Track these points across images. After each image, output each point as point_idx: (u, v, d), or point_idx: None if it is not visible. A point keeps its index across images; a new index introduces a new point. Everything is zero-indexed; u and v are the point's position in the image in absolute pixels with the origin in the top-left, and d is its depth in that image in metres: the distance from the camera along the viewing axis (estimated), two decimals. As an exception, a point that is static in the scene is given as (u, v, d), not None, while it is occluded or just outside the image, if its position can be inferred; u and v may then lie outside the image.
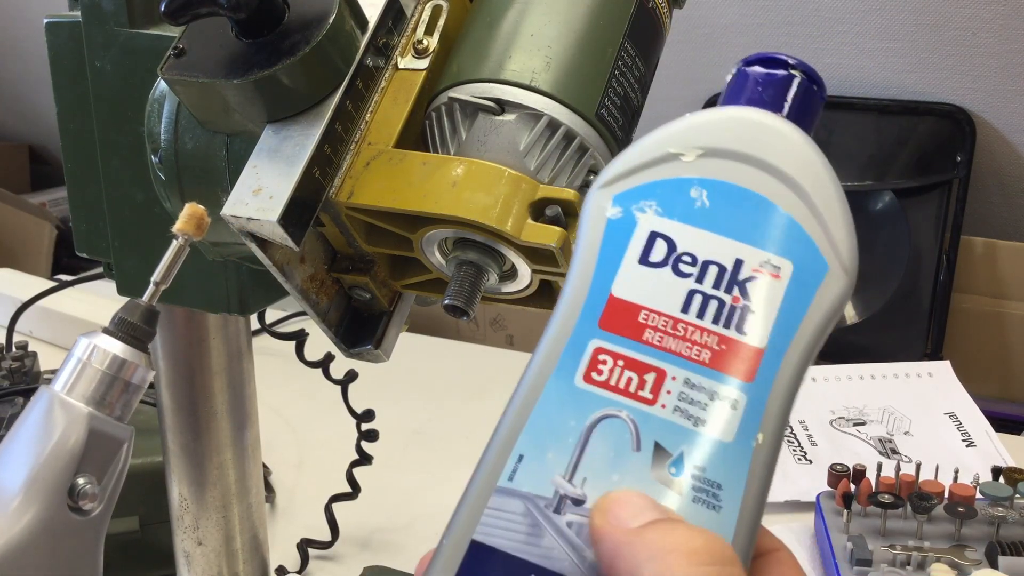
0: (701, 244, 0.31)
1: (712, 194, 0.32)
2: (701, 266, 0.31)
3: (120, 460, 0.42)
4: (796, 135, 0.32)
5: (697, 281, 0.31)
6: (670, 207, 0.32)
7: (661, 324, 0.31)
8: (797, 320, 0.31)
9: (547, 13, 0.43)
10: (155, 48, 0.47)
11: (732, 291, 0.31)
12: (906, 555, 0.73)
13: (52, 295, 1.11)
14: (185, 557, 0.61)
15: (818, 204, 0.31)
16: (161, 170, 0.47)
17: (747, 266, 0.31)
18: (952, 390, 1.07)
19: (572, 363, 0.31)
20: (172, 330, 0.56)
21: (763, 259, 0.31)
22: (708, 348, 0.31)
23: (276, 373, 0.91)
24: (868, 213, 1.81)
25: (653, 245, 0.32)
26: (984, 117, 1.75)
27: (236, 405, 0.58)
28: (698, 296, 0.31)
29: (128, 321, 0.41)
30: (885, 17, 1.71)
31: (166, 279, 0.42)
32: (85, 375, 0.41)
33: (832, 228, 0.31)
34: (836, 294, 0.31)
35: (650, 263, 0.32)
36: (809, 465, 0.94)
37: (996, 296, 1.78)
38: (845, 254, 0.31)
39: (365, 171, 0.41)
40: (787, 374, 0.30)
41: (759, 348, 0.30)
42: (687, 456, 0.30)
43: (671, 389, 0.30)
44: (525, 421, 0.31)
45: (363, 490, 0.81)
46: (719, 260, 0.31)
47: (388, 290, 0.47)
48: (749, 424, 0.30)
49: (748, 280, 0.31)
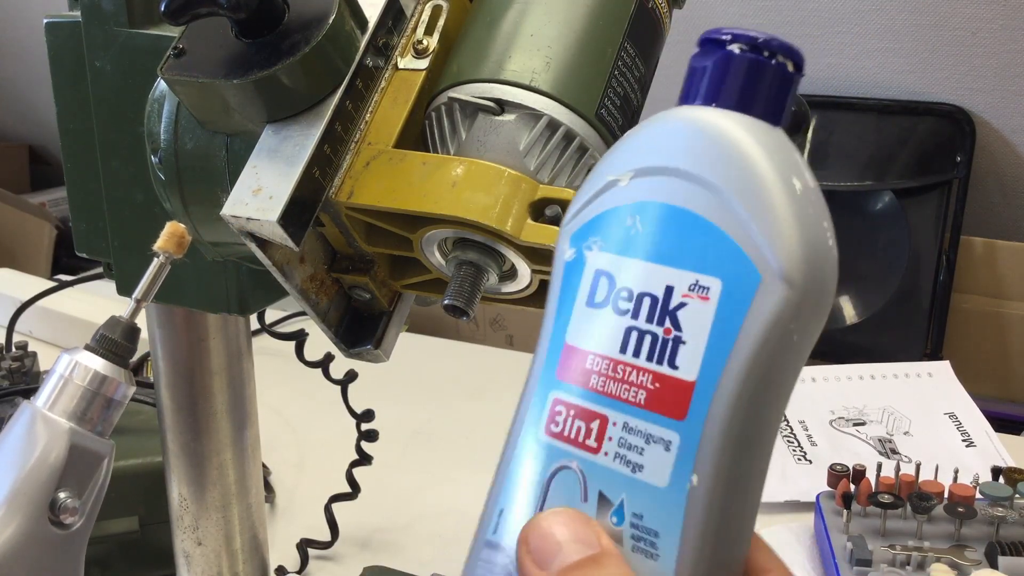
0: (636, 276, 0.29)
1: (644, 218, 0.29)
2: (636, 300, 0.29)
3: (101, 475, 0.43)
4: (728, 128, 0.28)
5: (633, 317, 0.29)
6: (609, 240, 0.30)
7: (604, 368, 0.30)
8: (728, 344, 0.28)
9: (547, 13, 0.43)
10: (155, 48, 0.47)
11: (664, 322, 0.29)
12: (906, 555, 0.73)
13: (52, 295, 1.11)
14: (185, 557, 0.61)
15: (746, 207, 0.28)
16: (161, 170, 0.47)
17: (677, 292, 0.29)
18: (952, 390, 1.07)
19: (538, 415, 0.31)
20: (172, 330, 0.56)
21: (691, 281, 0.28)
22: (644, 388, 0.29)
23: (276, 373, 0.91)
24: (868, 213, 1.81)
25: (597, 284, 0.30)
26: (984, 117, 1.75)
27: (236, 405, 0.58)
28: (635, 333, 0.29)
29: (109, 338, 0.42)
30: (885, 17, 1.71)
31: (147, 296, 0.43)
32: (67, 391, 0.42)
33: (764, 231, 0.27)
34: (775, 307, 0.27)
35: (595, 304, 0.30)
36: (809, 465, 0.94)
37: (996, 296, 1.78)
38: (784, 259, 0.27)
39: (365, 171, 0.41)
40: (723, 406, 0.28)
41: (690, 381, 0.28)
42: (626, 504, 0.29)
43: (612, 435, 0.29)
44: (506, 475, 0.31)
45: (363, 490, 0.81)
46: (651, 290, 0.29)
47: (388, 290, 0.47)
48: (682, 466, 0.28)
49: (678, 308, 0.29)
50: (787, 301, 0.27)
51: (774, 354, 0.28)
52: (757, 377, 0.28)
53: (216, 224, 0.46)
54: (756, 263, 0.27)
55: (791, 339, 0.28)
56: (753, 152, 0.28)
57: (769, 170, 0.28)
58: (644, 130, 0.31)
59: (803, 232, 0.27)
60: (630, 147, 0.31)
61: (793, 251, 0.27)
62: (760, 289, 0.27)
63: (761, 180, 0.28)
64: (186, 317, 0.55)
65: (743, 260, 0.27)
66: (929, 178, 1.77)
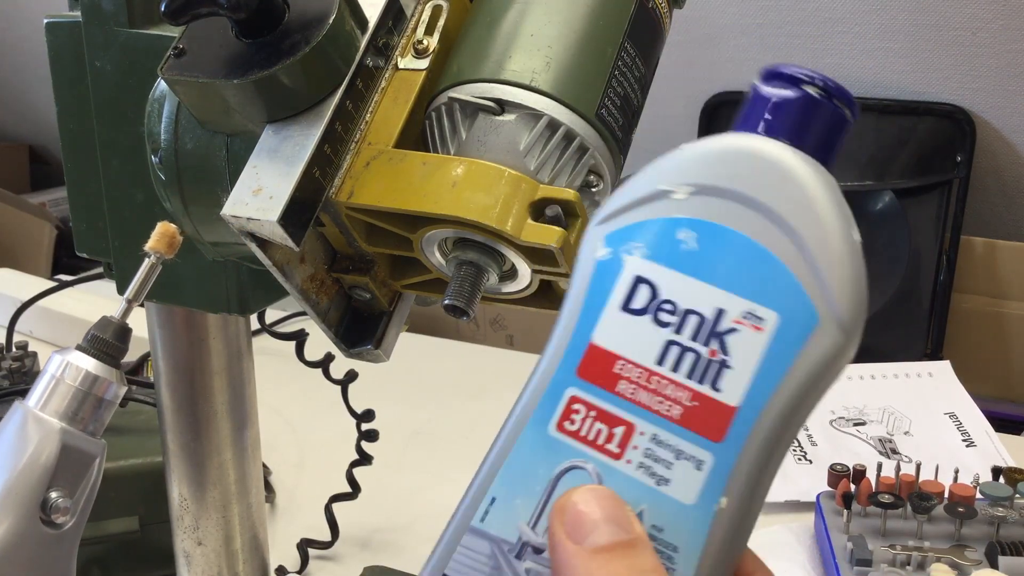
0: (684, 291, 0.29)
1: (700, 236, 0.30)
2: (682, 315, 0.29)
3: (92, 474, 0.43)
4: (800, 168, 0.29)
5: (676, 332, 0.29)
6: (657, 249, 0.30)
7: (635, 376, 0.30)
8: (777, 378, 0.28)
9: (547, 13, 0.43)
10: (155, 48, 0.47)
11: (710, 343, 0.29)
12: (906, 555, 0.73)
13: (52, 295, 1.11)
14: (185, 557, 0.61)
15: (814, 249, 0.28)
16: (161, 170, 0.47)
17: (728, 316, 0.29)
18: (952, 390, 1.07)
19: (548, 410, 0.31)
20: (172, 330, 0.56)
21: (746, 309, 0.29)
22: (679, 404, 0.29)
23: (276, 373, 0.91)
24: (868, 213, 1.81)
25: (636, 291, 0.30)
26: (984, 117, 1.75)
27: (236, 405, 0.58)
28: (675, 348, 0.29)
29: (100, 338, 0.42)
30: (885, 17, 1.71)
31: (138, 296, 0.43)
32: (58, 391, 0.42)
33: (828, 276, 0.28)
34: (826, 350, 0.28)
35: (631, 310, 0.30)
36: (809, 465, 0.94)
37: (996, 296, 1.78)
38: (842, 307, 0.28)
39: (365, 171, 0.41)
40: (761, 436, 0.28)
41: (732, 407, 0.28)
42: (646, 515, 0.29)
43: (638, 444, 0.29)
44: (501, 465, 0.31)
45: (363, 490, 0.81)
46: (700, 309, 0.29)
47: (388, 290, 0.47)
48: (713, 487, 0.28)
49: (728, 332, 0.29)
50: (840, 346, 0.28)
51: (815, 389, 0.29)
52: (796, 411, 0.28)
53: (216, 224, 0.46)
54: (816, 306, 0.28)
55: (831, 377, 0.29)
56: (824, 197, 0.29)
57: (837, 217, 0.29)
58: (705, 147, 0.31)
59: (859, 282, 0.29)
60: (688, 161, 0.31)
61: (851, 299, 0.28)
62: (817, 331, 0.28)
63: (831, 226, 0.29)
64: (186, 317, 0.55)
65: (803, 300, 0.28)
66: (929, 178, 1.77)
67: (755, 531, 0.30)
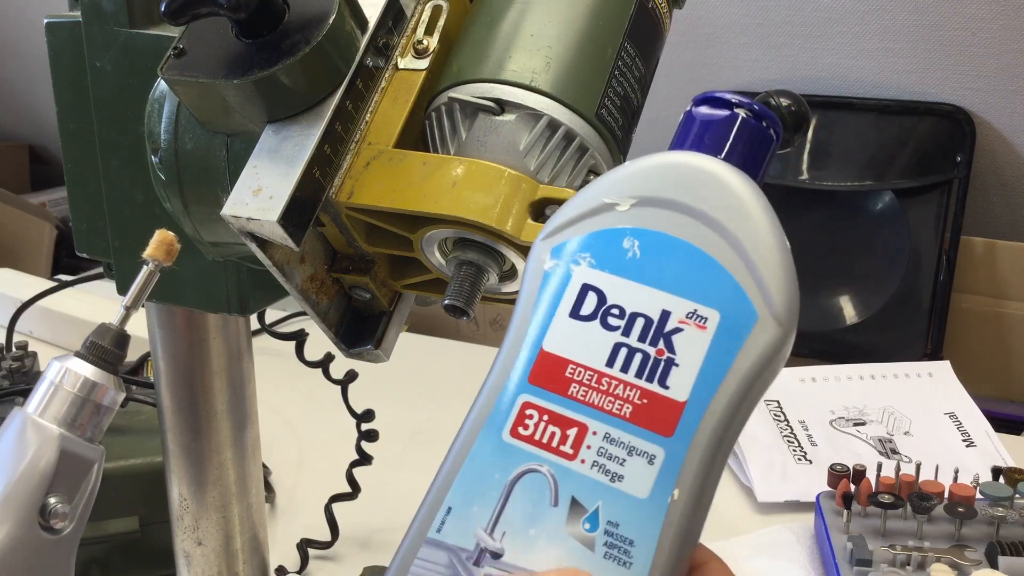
0: (630, 296, 0.31)
1: (643, 244, 0.32)
2: (628, 318, 0.31)
3: (91, 480, 0.43)
4: (734, 179, 0.32)
5: (624, 334, 0.31)
6: (603, 259, 0.32)
7: (586, 378, 0.31)
8: (721, 372, 0.30)
9: (547, 13, 0.43)
10: (155, 48, 0.47)
11: (657, 343, 0.31)
12: (906, 555, 0.73)
13: (52, 295, 1.11)
14: (185, 557, 0.61)
15: (750, 251, 0.31)
16: (161, 170, 0.47)
17: (674, 317, 0.31)
18: (952, 390, 1.07)
19: (502, 417, 0.32)
20: (172, 330, 0.56)
21: (690, 309, 0.31)
22: (630, 402, 0.31)
23: (276, 373, 0.91)
24: (868, 213, 1.81)
25: (584, 298, 0.32)
26: (984, 117, 1.75)
27: (236, 405, 0.58)
28: (624, 349, 0.31)
29: (99, 345, 0.43)
30: (885, 17, 1.71)
31: (137, 303, 0.43)
32: (57, 397, 0.42)
33: (765, 276, 0.30)
34: (766, 344, 0.30)
35: (580, 316, 0.32)
36: (809, 465, 0.94)
37: (996, 296, 1.78)
38: (778, 303, 0.30)
39: (365, 171, 0.41)
40: (709, 428, 0.30)
41: (680, 402, 0.30)
42: (602, 512, 0.30)
43: (591, 444, 0.31)
44: (456, 474, 0.32)
45: (363, 490, 0.81)
46: (646, 312, 0.31)
47: (388, 290, 0.47)
48: (666, 480, 0.30)
49: (673, 332, 0.31)
50: (778, 339, 0.30)
51: (757, 382, 0.30)
52: (740, 402, 0.30)
53: (216, 224, 0.46)
54: (755, 303, 0.30)
55: (772, 370, 0.31)
56: (758, 205, 0.31)
57: (770, 223, 0.31)
58: (649, 162, 0.33)
59: (792, 281, 0.31)
60: (629, 175, 0.33)
61: (786, 296, 0.31)
62: (757, 326, 0.30)
63: (765, 231, 0.31)
64: (186, 317, 0.55)
65: (743, 298, 0.30)
66: (929, 178, 1.77)
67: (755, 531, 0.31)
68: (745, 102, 0.33)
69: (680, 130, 0.34)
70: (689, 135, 0.33)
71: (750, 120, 0.33)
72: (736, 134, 0.33)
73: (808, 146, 1.81)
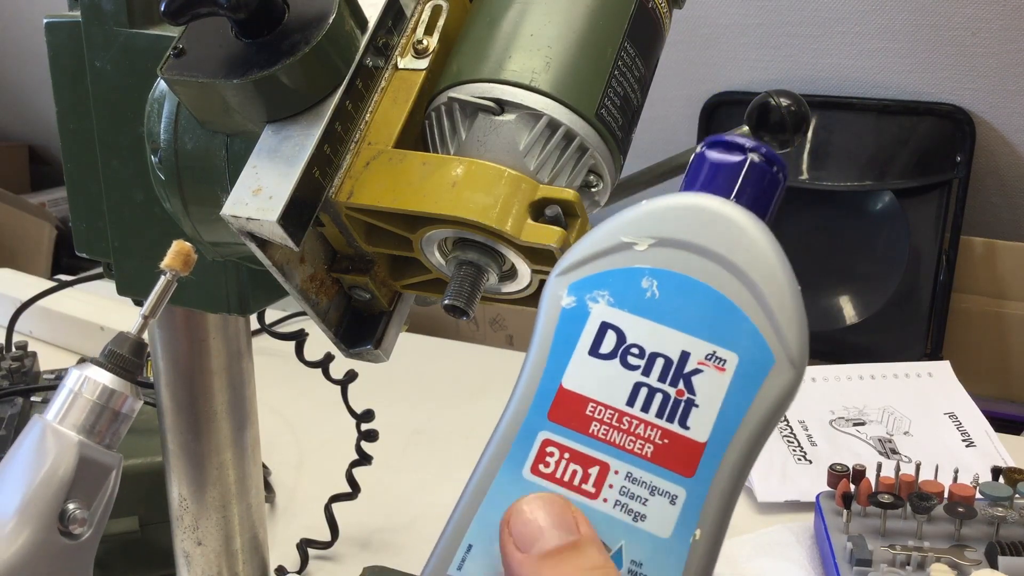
0: (649, 336, 0.32)
1: (662, 284, 0.32)
2: (648, 358, 0.31)
3: (109, 486, 0.44)
4: (748, 223, 0.32)
5: (644, 374, 0.31)
6: (622, 297, 0.32)
7: (607, 417, 0.31)
8: (740, 414, 0.31)
9: (547, 13, 0.43)
10: (155, 48, 0.47)
11: (677, 384, 0.31)
12: (906, 555, 0.73)
13: (52, 295, 1.11)
14: (185, 557, 0.61)
15: (767, 295, 0.31)
16: (161, 170, 0.47)
17: (693, 358, 0.31)
18: (952, 390, 1.07)
19: (521, 454, 0.32)
20: (172, 330, 0.56)
21: (709, 351, 0.31)
22: (651, 442, 0.31)
23: (276, 373, 0.91)
24: (868, 213, 1.81)
25: (604, 336, 0.32)
26: (984, 117, 1.75)
27: (236, 405, 0.58)
28: (644, 389, 0.31)
29: (118, 353, 0.44)
30: (885, 17, 1.71)
31: (155, 313, 0.44)
32: (76, 405, 0.43)
33: (781, 320, 0.31)
34: (782, 387, 0.31)
35: (600, 355, 0.32)
36: (809, 465, 0.94)
37: (996, 296, 1.78)
38: (793, 346, 0.31)
39: (365, 171, 0.41)
40: (728, 469, 0.30)
41: (701, 443, 0.31)
42: (625, 551, 0.30)
43: (613, 483, 0.31)
44: (476, 510, 0.32)
45: (363, 490, 0.81)
46: (666, 352, 0.31)
47: (388, 290, 0.47)
48: (687, 520, 0.30)
49: (693, 373, 0.31)
50: (792, 381, 0.31)
51: (771, 424, 0.31)
52: (756, 443, 0.31)
53: (216, 224, 0.46)
54: (772, 346, 0.31)
55: (784, 409, 0.31)
56: (772, 249, 0.32)
57: (784, 267, 0.32)
58: (665, 203, 0.33)
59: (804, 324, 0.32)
60: (649, 215, 0.33)
61: (800, 339, 0.31)
62: (774, 369, 0.31)
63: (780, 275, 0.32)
64: (186, 317, 0.55)
65: (760, 342, 0.31)
66: (929, 178, 1.77)
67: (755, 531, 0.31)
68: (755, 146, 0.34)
69: (691, 171, 0.34)
70: (699, 177, 0.34)
71: (761, 164, 0.33)
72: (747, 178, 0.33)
73: (808, 146, 1.81)
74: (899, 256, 1.77)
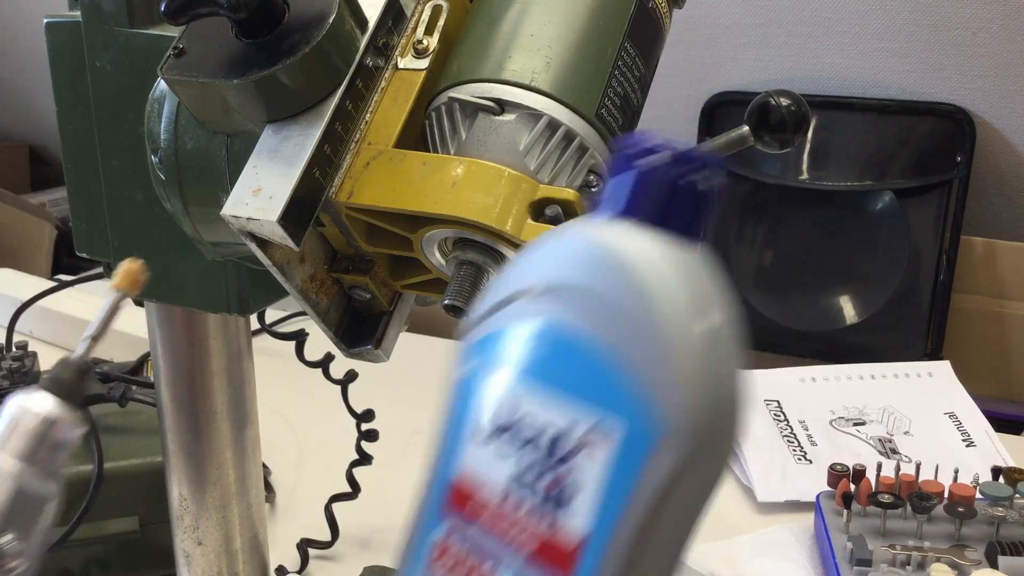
0: (534, 408, 0.26)
1: (551, 342, 0.26)
2: (533, 436, 0.26)
3: (46, 517, 0.42)
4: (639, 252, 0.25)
5: (526, 456, 0.26)
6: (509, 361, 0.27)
7: (492, 509, 0.27)
8: (623, 495, 0.25)
9: (547, 13, 0.43)
10: (155, 48, 0.47)
11: (560, 465, 0.26)
12: (906, 555, 0.73)
13: (52, 295, 1.11)
14: (185, 557, 0.61)
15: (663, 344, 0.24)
16: (161, 170, 0.47)
17: (576, 432, 0.25)
18: (952, 390, 1.07)
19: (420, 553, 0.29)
20: (172, 330, 0.56)
21: (593, 422, 0.25)
22: (534, 536, 0.26)
23: (276, 373, 0.91)
24: (868, 213, 1.81)
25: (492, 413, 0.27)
26: (984, 117, 1.75)
27: (236, 405, 0.58)
28: (521, 478, 0.27)
29: (60, 378, 0.42)
30: (885, 17, 1.71)
31: (101, 334, 0.43)
32: (16, 433, 0.41)
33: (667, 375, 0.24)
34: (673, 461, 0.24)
35: (487, 436, 0.27)
36: (809, 465, 0.94)
37: (996, 296, 1.78)
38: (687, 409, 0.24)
39: (365, 171, 0.41)
40: (614, 565, 0.25)
41: (582, 535, 0.25)
42: None
43: None
44: None
45: (363, 490, 0.81)
46: (549, 427, 0.26)
47: (388, 290, 0.47)
48: None
49: (576, 449, 0.25)
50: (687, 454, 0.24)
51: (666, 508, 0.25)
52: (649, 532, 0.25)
53: (216, 224, 0.46)
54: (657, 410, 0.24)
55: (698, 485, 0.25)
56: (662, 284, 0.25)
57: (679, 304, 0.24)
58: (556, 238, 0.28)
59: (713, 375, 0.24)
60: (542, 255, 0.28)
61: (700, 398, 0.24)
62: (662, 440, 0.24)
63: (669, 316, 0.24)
64: (186, 317, 0.55)
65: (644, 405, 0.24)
66: (929, 178, 1.77)
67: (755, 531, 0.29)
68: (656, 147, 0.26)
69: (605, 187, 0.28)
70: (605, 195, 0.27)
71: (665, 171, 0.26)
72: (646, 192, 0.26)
73: (808, 146, 1.81)
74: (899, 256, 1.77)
